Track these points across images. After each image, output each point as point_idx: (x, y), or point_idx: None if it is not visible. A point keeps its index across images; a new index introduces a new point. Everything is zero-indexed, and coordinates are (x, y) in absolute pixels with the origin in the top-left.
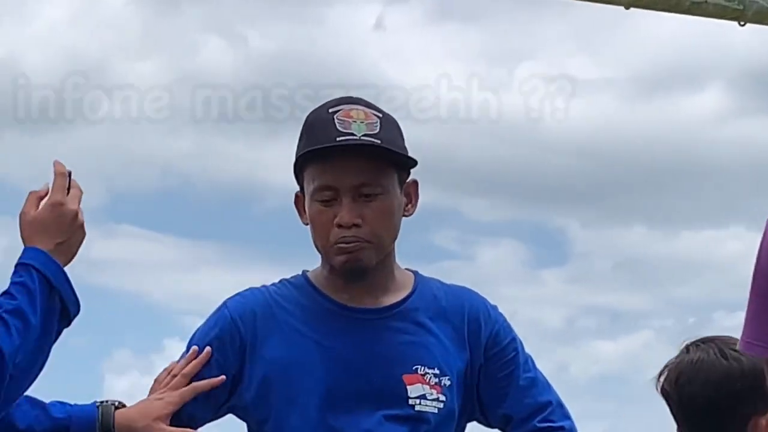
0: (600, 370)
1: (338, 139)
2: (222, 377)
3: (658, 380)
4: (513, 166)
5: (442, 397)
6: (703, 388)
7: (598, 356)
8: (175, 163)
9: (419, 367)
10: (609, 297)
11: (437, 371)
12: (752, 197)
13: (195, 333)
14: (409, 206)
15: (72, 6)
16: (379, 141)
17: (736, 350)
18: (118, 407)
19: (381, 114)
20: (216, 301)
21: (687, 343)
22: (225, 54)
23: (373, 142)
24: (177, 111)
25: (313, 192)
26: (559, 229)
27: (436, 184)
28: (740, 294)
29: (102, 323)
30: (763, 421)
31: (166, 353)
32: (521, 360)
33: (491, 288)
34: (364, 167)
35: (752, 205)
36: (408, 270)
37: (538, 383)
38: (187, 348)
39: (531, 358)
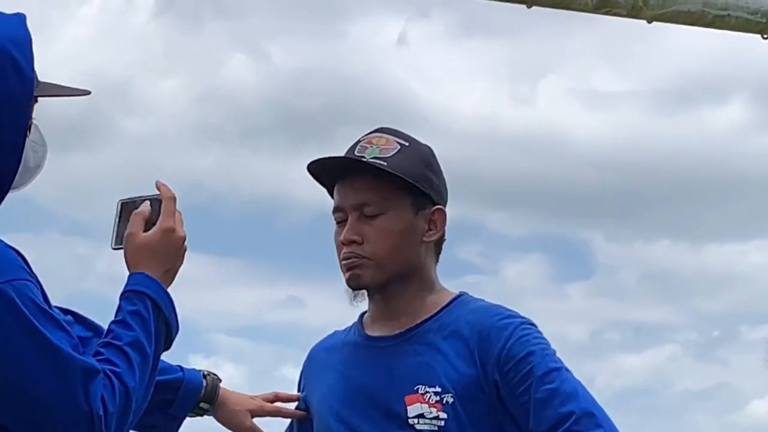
0: (625, 384)
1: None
2: (304, 413)
3: None
4: (537, 180)
5: (443, 415)
6: None
7: (623, 370)
8: (201, 180)
9: (420, 387)
10: (634, 310)
11: (438, 389)
12: None
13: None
14: (431, 232)
15: (96, 25)
16: (384, 164)
17: None
18: (219, 381)
19: (407, 143)
20: (242, 318)
21: None
22: (249, 70)
23: (376, 164)
24: (202, 127)
25: (332, 215)
26: (584, 243)
27: (460, 199)
28: (765, 307)
29: None
30: None
31: None
32: (539, 372)
33: (516, 302)
34: (366, 187)
35: None
36: (459, 292)
37: (560, 393)
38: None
39: (558, 370)
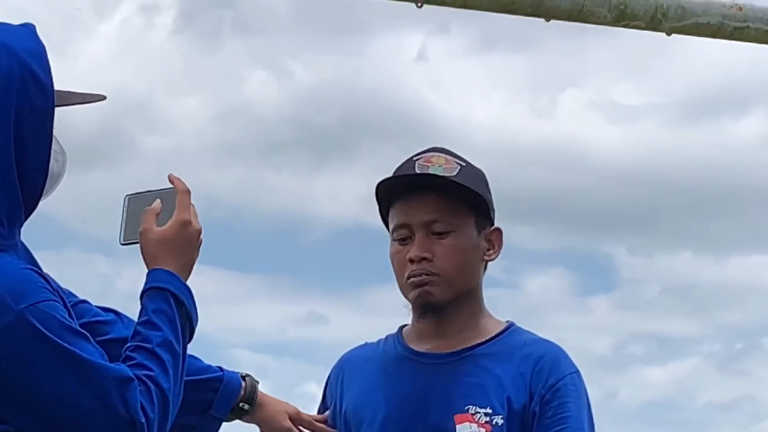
0: (648, 397)
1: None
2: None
3: None
4: (558, 193)
5: None
6: None
7: (647, 382)
8: (222, 196)
9: (471, 407)
10: (657, 323)
11: (489, 410)
12: None
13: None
14: (491, 252)
15: (116, 42)
16: (459, 182)
17: None
18: (257, 383)
19: (464, 163)
20: (263, 334)
21: None
22: (269, 87)
23: (446, 177)
24: (222, 144)
25: (392, 232)
26: (606, 256)
27: None
28: None
29: None
30: None
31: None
32: (575, 424)
33: (539, 316)
34: (436, 204)
35: None
36: (506, 322)
37: None
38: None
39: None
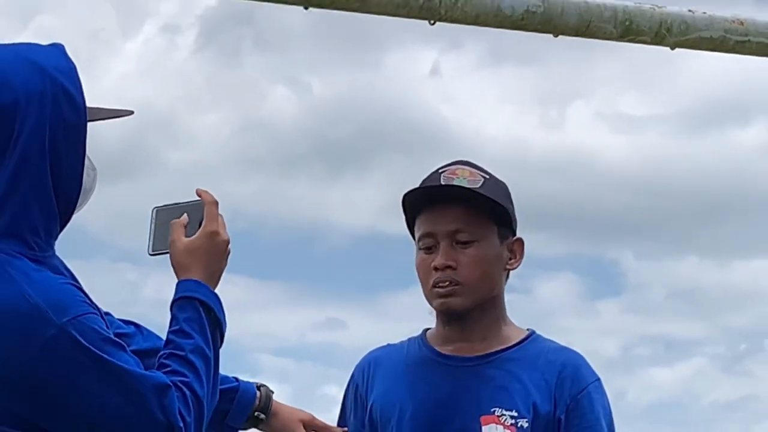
0: (656, 397)
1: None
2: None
3: None
4: (567, 202)
5: None
6: None
7: (654, 383)
8: (242, 207)
9: (497, 409)
10: (663, 326)
11: (515, 413)
12: None
13: (344, 395)
14: (513, 261)
15: (140, 61)
16: (484, 193)
17: None
18: (272, 393)
19: (488, 176)
20: (284, 338)
21: None
22: (287, 102)
23: (471, 189)
24: (243, 158)
25: (418, 242)
26: (614, 261)
27: None
28: None
29: None
30: None
31: None
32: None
33: (549, 320)
34: (460, 215)
35: None
36: (527, 330)
37: None
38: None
39: None
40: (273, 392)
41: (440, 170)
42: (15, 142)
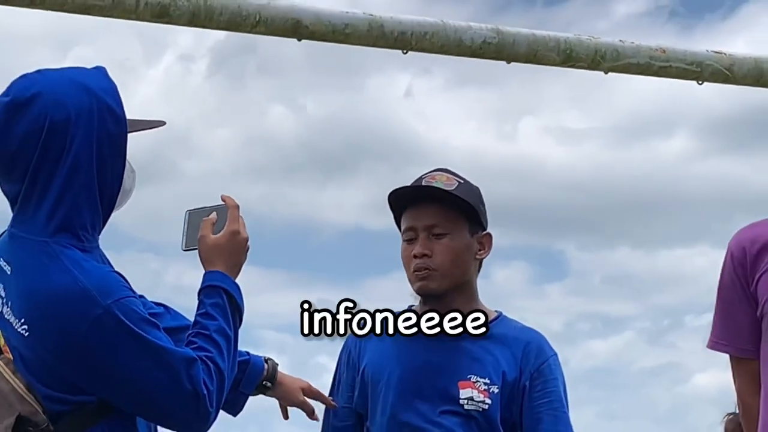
0: (593, 365)
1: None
2: (334, 404)
3: None
4: (520, 202)
5: (488, 400)
6: None
7: (592, 353)
8: (249, 208)
9: (472, 376)
10: (600, 305)
11: (487, 381)
12: (715, 222)
13: (337, 361)
14: (482, 251)
15: (161, 85)
16: (458, 194)
17: None
18: (277, 365)
19: (463, 180)
20: (284, 317)
21: None
22: (287, 119)
23: (445, 190)
24: (249, 167)
25: (402, 234)
26: (559, 252)
27: None
28: (706, 300)
29: None
30: None
31: None
32: (555, 399)
33: (505, 301)
34: (436, 212)
35: (716, 228)
36: (495, 311)
37: (559, 422)
38: (334, 374)
39: (564, 409)
40: (278, 364)
41: (424, 175)
42: (68, 152)
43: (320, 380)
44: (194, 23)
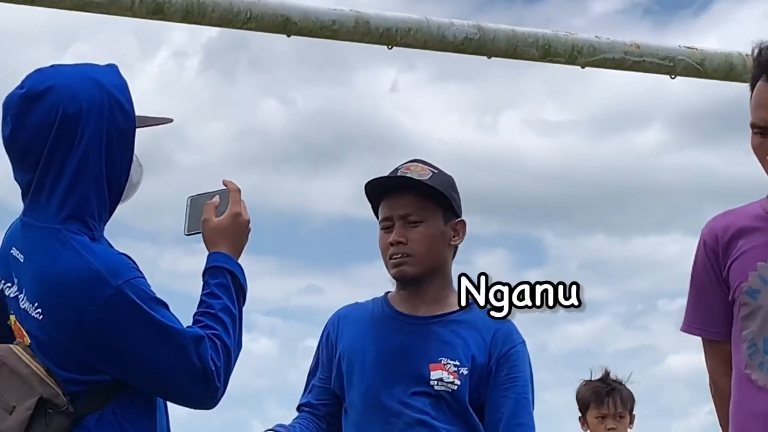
0: (571, 347)
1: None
2: None
3: None
4: (500, 192)
5: (458, 382)
6: None
7: (570, 336)
8: (242, 196)
9: (443, 359)
10: None
11: (457, 363)
12: (688, 211)
13: (318, 343)
14: (456, 238)
15: (156, 81)
16: (430, 183)
17: None
18: None
19: (437, 170)
20: (273, 302)
21: None
22: (277, 112)
23: (419, 180)
24: (241, 158)
25: (379, 223)
26: (538, 239)
27: None
28: (678, 286)
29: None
30: None
31: None
32: (519, 385)
33: None
34: (411, 201)
35: (688, 217)
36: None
37: (520, 406)
38: (313, 356)
39: (529, 397)
40: None
41: (399, 166)
42: (78, 144)
43: (308, 363)
44: (187, 20)
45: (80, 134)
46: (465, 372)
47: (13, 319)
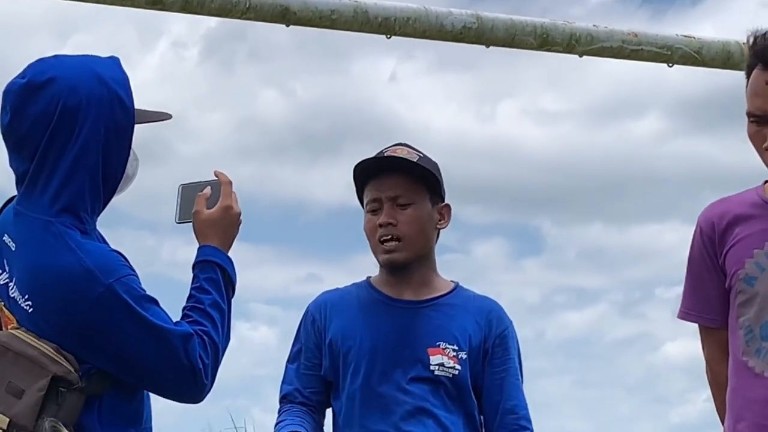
0: (569, 335)
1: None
2: None
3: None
4: (498, 181)
5: (458, 366)
6: None
7: (567, 324)
8: (240, 187)
9: (441, 343)
10: (575, 279)
11: (456, 347)
12: (685, 199)
13: (298, 330)
14: (442, 222)
15: (156, 71)
16: (421, 165)
17: None
18: None
19: (422, 154)
20: (273, 291)
21: None
22: (276, 102)
23: (411, 161)
24: (240, 148)
25: (365, 206)
26: (536, 228)
27: None
28: (676, 274)
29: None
30: None
31: (236, 331)
32: (511, 366)
33: (484, 275)
34: (400, 182)
35: (686, 205)
36: (451, 281)
37: (510, 388)
38: (293, 344)
39: (519, 377)
40: None
41: (384, 150)
42: (76, 137)
43: None
44: (187, 9)
45: (79, 128)
46: (464, 356)
47: (1, 306)
